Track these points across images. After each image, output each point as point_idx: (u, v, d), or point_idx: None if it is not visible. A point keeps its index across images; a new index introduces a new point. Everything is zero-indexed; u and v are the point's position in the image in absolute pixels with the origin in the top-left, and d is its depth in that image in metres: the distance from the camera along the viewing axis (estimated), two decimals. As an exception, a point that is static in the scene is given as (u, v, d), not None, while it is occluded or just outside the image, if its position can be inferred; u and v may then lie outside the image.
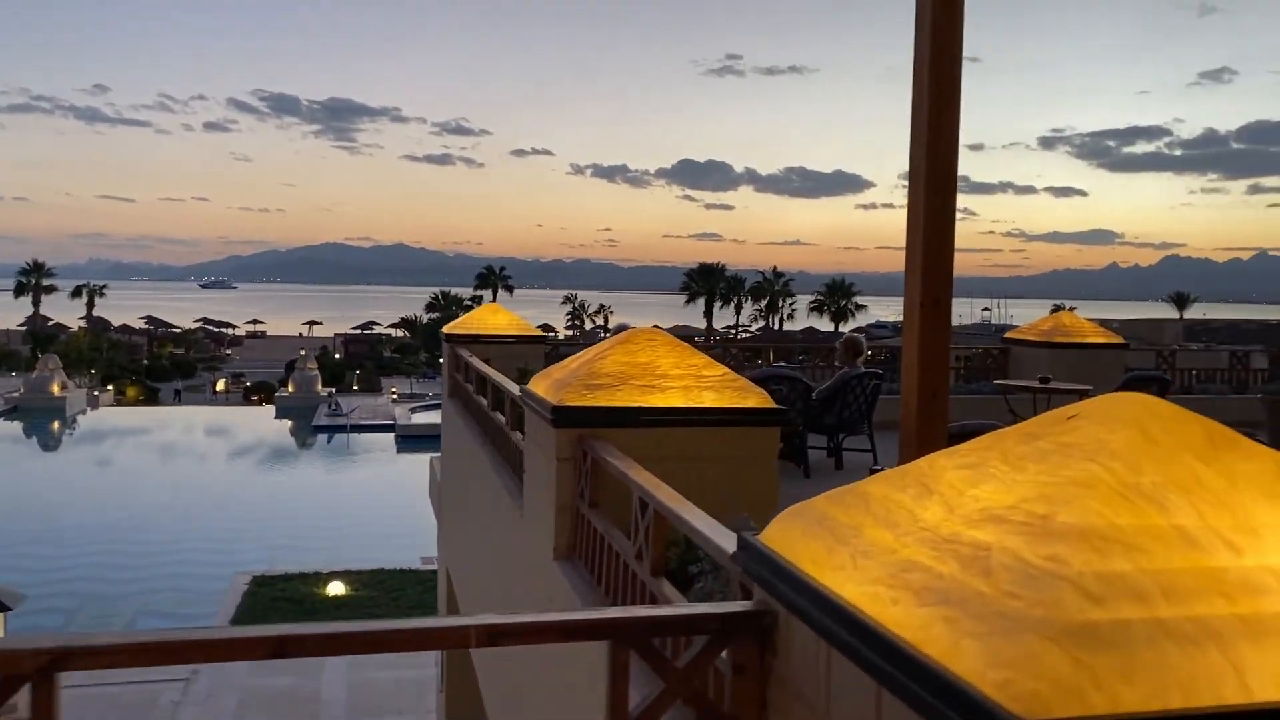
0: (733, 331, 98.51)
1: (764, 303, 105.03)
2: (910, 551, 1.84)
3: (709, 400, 4.91)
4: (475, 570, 8.69)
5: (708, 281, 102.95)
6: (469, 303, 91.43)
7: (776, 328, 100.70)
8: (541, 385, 5.20)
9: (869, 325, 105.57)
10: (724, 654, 2.33)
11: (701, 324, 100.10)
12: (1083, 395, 10.89)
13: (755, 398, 5.01)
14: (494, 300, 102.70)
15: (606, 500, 4.48)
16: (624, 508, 3.97)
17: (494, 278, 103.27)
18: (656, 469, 4.35)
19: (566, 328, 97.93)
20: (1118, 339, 13.18)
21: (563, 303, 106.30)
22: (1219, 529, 1.65)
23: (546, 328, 73.39)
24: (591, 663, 2.58)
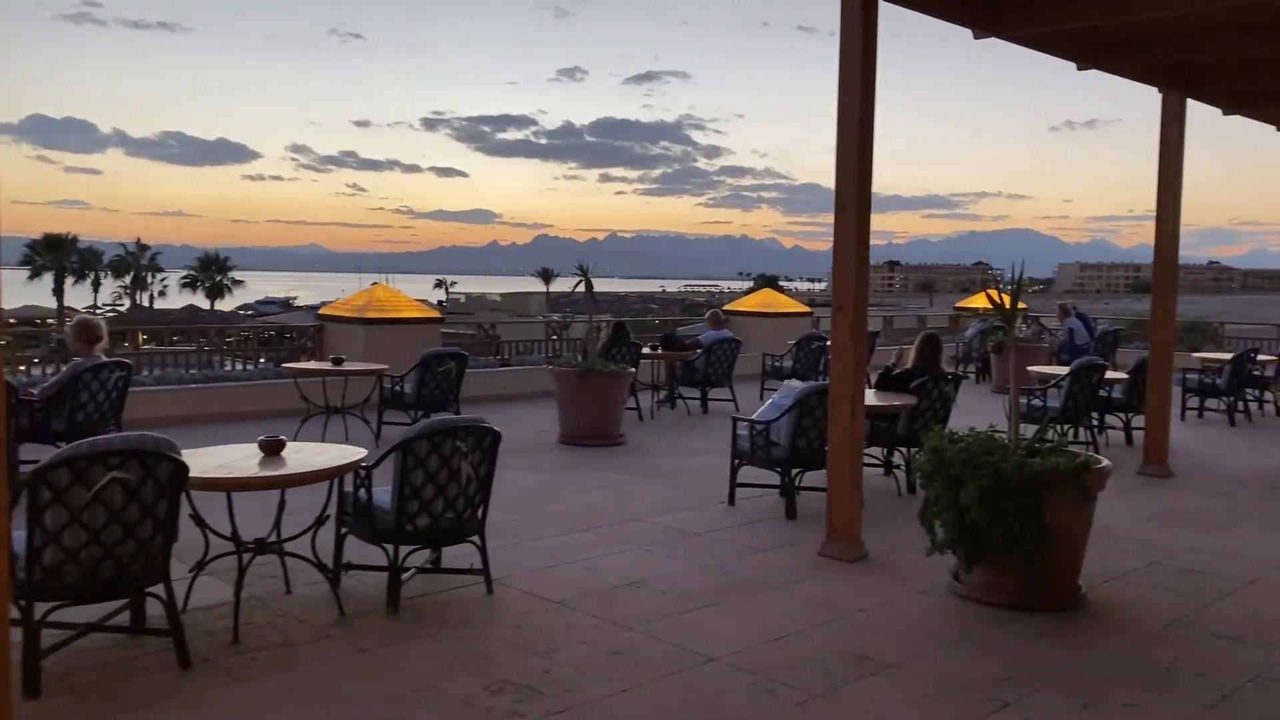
0: (94, 311, 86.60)
1: (129, 278, 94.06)
2: None
3: None
4: None
5: (56, 255, 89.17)
6: None
7: (147, 305, 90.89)
8: None
9: (257, 302, 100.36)
10: None
11: (53, 303, 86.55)
12: (381, 375, 10.08)
13: None
14: None
15: None
16: None
17: None
18: None
19: None
20: (433, 312, 12.79)
21: None
22: None
23: None
24: None
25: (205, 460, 4.88)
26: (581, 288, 10.44)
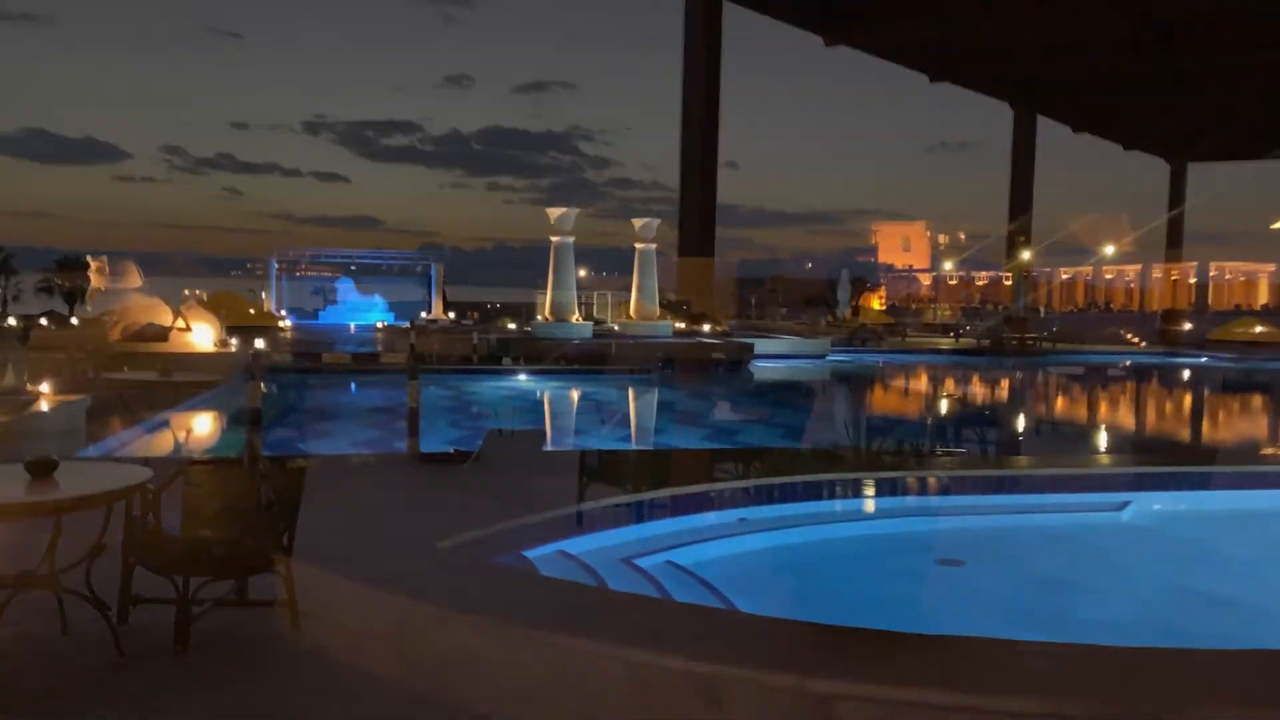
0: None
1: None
2: None
3: None
4: None
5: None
6: None
7: (1, 310, 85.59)
8: None
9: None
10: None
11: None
12: (211, 387, 9.49)
13: None
14: None
15: None
16: None
17: None
18: None
19: None
20: (277, 321, 12.15)
21: None
22: None
23: None
24: None
25: (-44, 485, 4.31)
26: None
